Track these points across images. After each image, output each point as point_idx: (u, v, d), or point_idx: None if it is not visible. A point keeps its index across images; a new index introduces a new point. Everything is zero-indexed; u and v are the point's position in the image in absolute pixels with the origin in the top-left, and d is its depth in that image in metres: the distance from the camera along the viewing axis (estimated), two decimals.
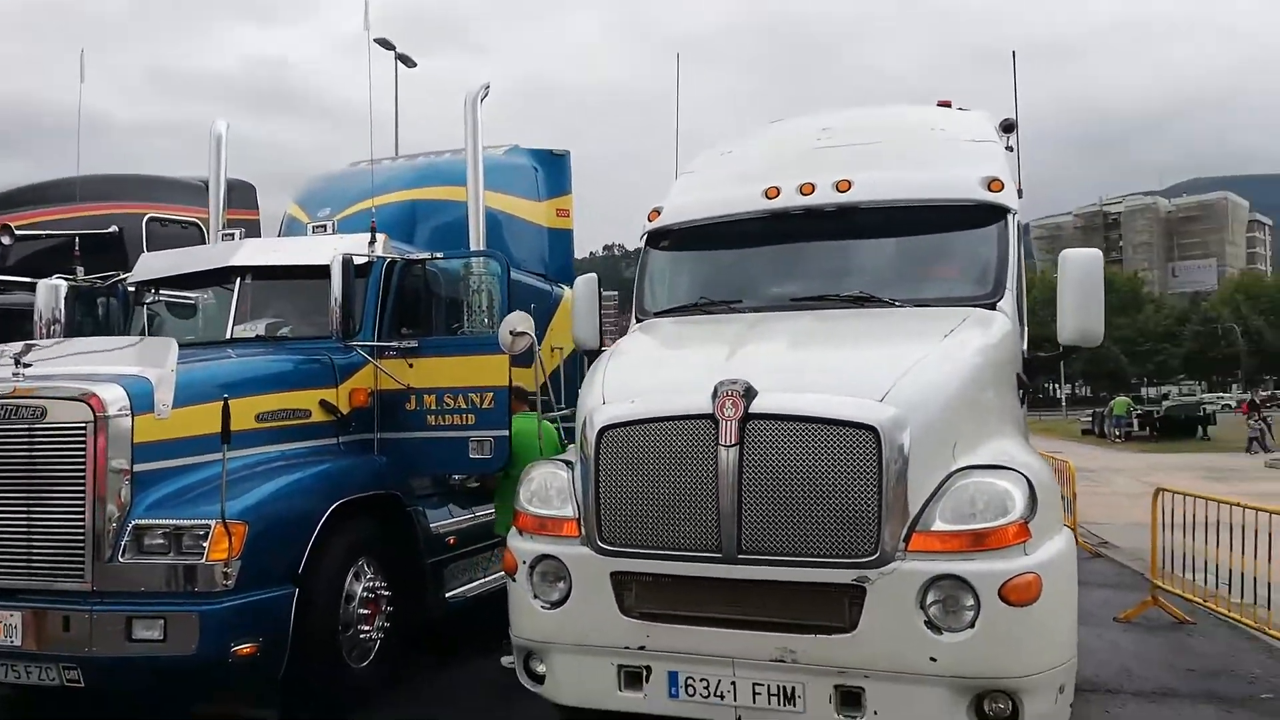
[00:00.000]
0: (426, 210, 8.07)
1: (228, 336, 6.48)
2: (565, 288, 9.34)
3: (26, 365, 5.01)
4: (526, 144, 9.42)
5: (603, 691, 4.08)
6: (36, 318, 6.88)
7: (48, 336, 6.79)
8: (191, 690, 5.03)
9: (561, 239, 9.37)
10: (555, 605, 4.17)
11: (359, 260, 6.30)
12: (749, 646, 3.81)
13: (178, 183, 10.28)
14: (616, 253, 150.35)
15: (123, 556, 4.74)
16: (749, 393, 3.89)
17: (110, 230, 9.08)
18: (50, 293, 6.85)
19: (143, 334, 7.13)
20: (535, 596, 4.22)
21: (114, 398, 4.84)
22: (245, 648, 4.74)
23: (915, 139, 6.39)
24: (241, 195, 10.84)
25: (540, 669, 4.33)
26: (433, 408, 6.34)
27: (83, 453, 4.78)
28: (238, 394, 5.49)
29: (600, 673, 4.07)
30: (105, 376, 4.96)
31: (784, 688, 3.76)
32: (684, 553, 3.92)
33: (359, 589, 5.62)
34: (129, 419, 4.86)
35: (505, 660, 6.44)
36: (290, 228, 7.97)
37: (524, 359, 5.98)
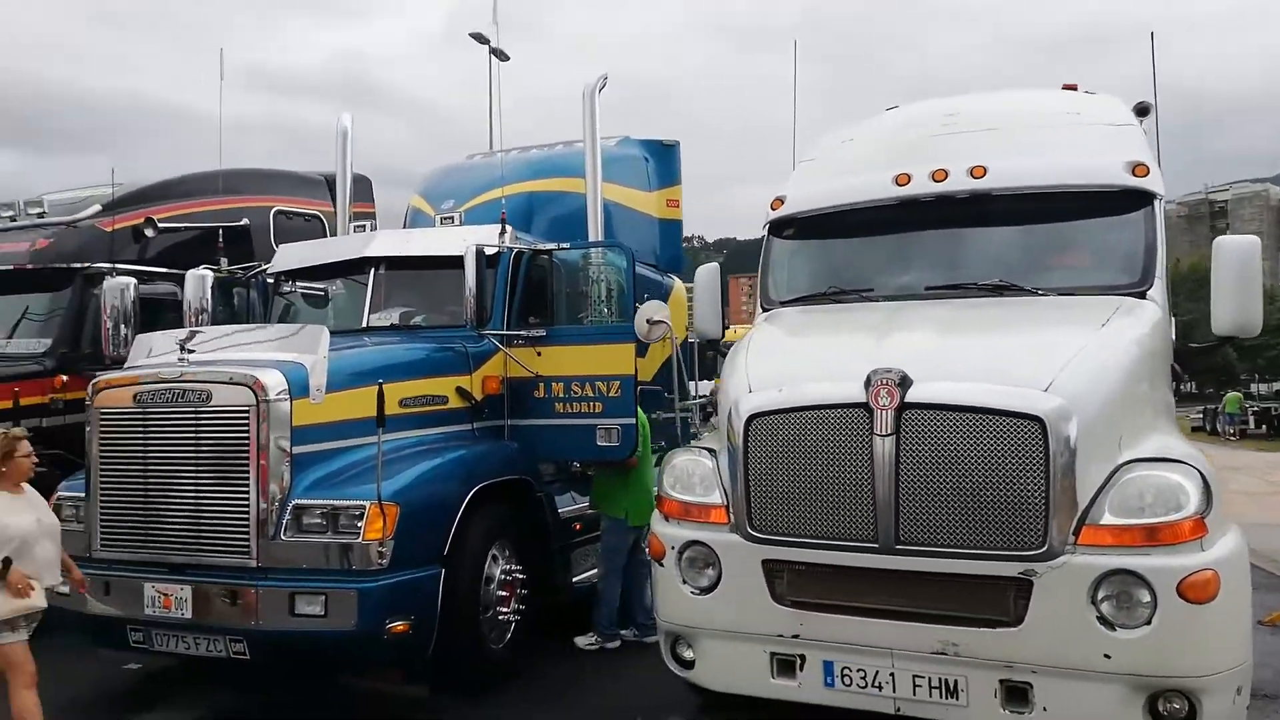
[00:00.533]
0: (543, 202, 8.20)
1: (363, 325, 6.72)
2: (675, 278, 9.40)
3: (190, 352, 5.30)
4: (636, 135, 9.47)
5: (755, 679, 4.11)
6: (185, 307, 7.24)
7: (196, 324, 7.13)
8: (345, 664, 5.26)
9: (671, 229, 9.40)
10: (704, 591, 4.21)
11: (489, 250, 6.45)
12: (908, 638, 3.79)
13: (299, 177, 10.65)
14: (696, 244, 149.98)
15: (284, 535, 4.98)
16: (904, 382, 3.85)
17: (242, 223, 9.46)
18: (198, 283, 7.21)
19: (280, 322, 7.46)
20: (684, 582, 4.27)
21: (274, 383, 5.07)
22: (399, 625, 4.93)
23: (1049, 124, 6.21)
24: (360, 188, 11.19)
25: (688, 654, 4.39)
26: (560, 395, 6.47)
27: (246, 435, 5.03)
28: (385, 380, 5.71)
29: (752, 660, 4.10)
30: (265, 363, 5.20)
31: (946, 681, 3.73)
32: (839, 542, 3.92)
33: (497, 572, 5.78)
34: (288, 403, 5.09)
35: (582, 641, 6.61)
36: (415, 220, 8.19)
37: (640, 348, 6.11)
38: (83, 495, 5.61)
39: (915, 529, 3.79)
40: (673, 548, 4.30)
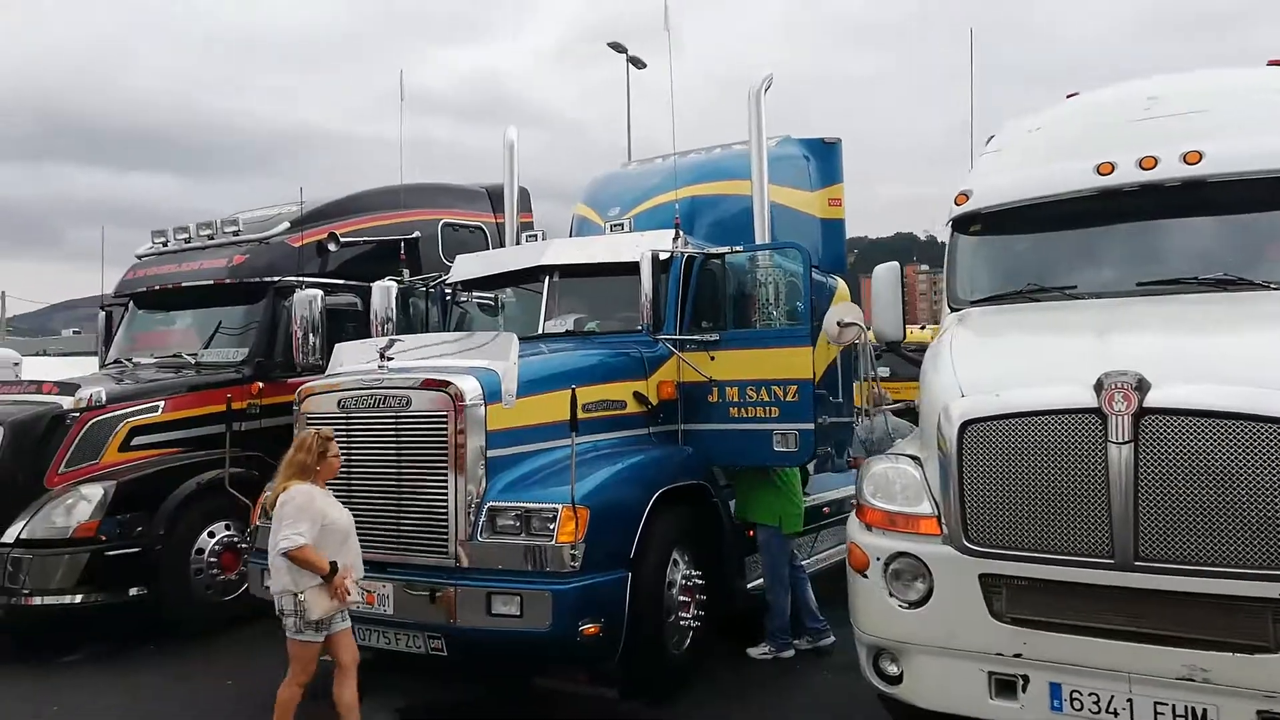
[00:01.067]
0: (705, 205, 8.15)
1: (539, 331, 6.86)
2: (838, 279, 9.18)
3: (390, 359, 5.53)
4: (796, 135, 9.32)
5: (971, 698, 3.91)
6: (372, 316, 7.59)
7: (382, 333, 7.47)
8: (537, 664, 5.36)
9: (833, 229, 9.19)
10: (914, 605, 4.05)
11: (663, 256, 6.46)
12: (1148, 661, 3.52)
13: (463, 190, 11.03)
14: None
15: (480, 536, 5.12)
16: (1141, 385, 3.58)
17: (414, 236, 9.87)
18: (384, 294, 7.54)
19: (456, 329, 7.72)
20: (891, 594, 4.11)
21: (470, 388, 5.23)
22: (590, 627, 4.98)
23: (1265, 105, 5.71)
24: (520, 199, 11.49)
25: (891, 669, 4.23)
26: (735, 400, 6.40)
27: (445, 438, 5.21)
28: (569, 385, 5.81)
29: (969, 678, 3.91)
30: (460, 369, 5.37)
31: (1193, 709, 3.44)
32: (1068, 557, 3.68)
33: (678, 576, 5.77)
34: (483, 408, 5.24)
35: (755, 651, 6.48)
36: (582, 228, 8.31)
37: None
38: None
39: (1157, 544, 3.51)
40: (878, 559, 4.15)
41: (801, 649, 6.66)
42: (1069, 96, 7.80)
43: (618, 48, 26.43)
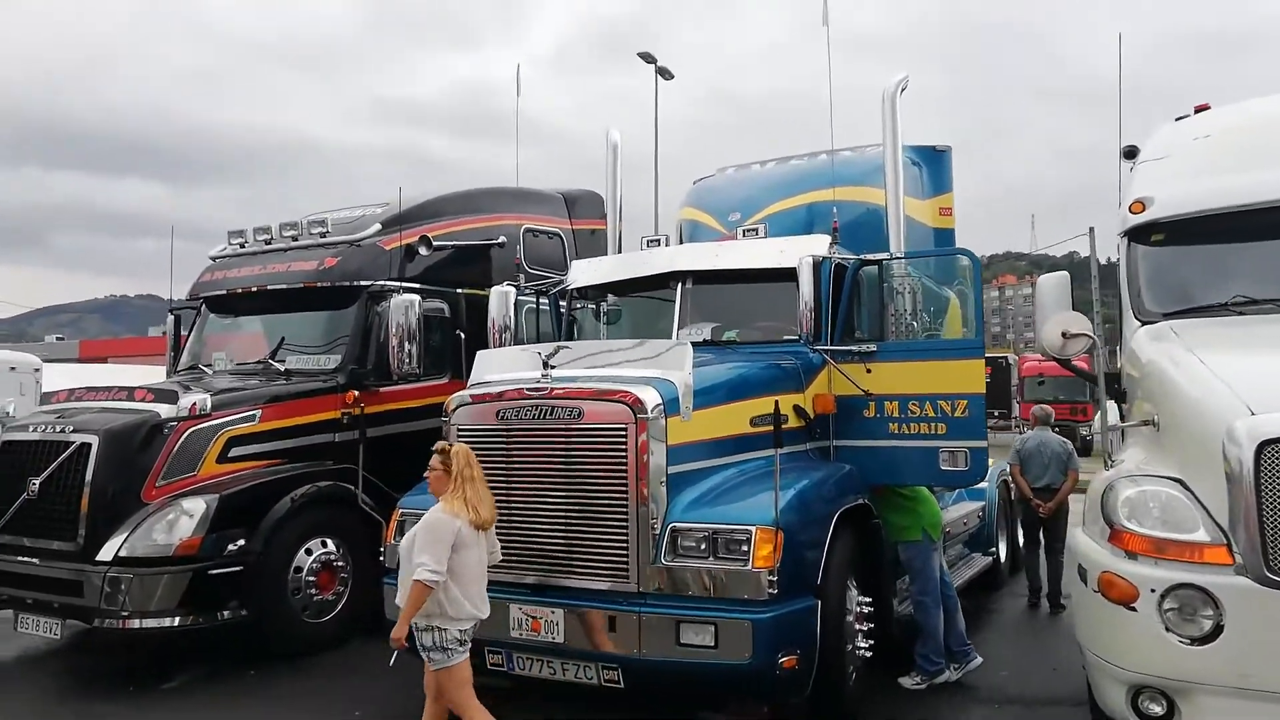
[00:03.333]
0: (823, 212, 7.83)
1: (673, 341, 6.48)
2: (950, 290, 8.86)
3: (553, 368, 5.15)
4: (911, 142, 9.01)
5: None
6: (490, 324, 7.21)
7: (500, 341, 7.09)
8: (720, 698, 4.96)
9: (945, 239, 8.86)
10: (1200, 641, 3.67)
11: (830, 261, 6.14)
12: None
13: (540, 194, 10.67)
14: None
15: (664, 559, 4.72)
16: None
17: (499, 241, 9.50)
18: (502, 299, 7.17)
19: (570, 338, 7.35)
20: (1168, 630, 3.74)
21: (652, 400, 4.85)
22: (789, 659, 4.60)
23: None
24: (593, 205, 11.17)
25: (1155, 709, 3.86)
26: (895, 415, 6.04)
27: (624, 452, 4.82)
28: (738, 398, 5.45)
29: None
30: (634, 379, 4.99)
31: None
32: None
33: (852, 604, 5.39)
34: (663, 420, 4.86)
35: (908, 682, 6.11)
36: (696, 233, 7.96)
37: None
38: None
39: None
40: (1153, 590, 3.78)
41: (951, 678, 6.30)
42: (1198, 109, 7.55)
43: (647, 58, 26.20)
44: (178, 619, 6.56)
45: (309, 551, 7.34)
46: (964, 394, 5.86)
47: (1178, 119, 7.49)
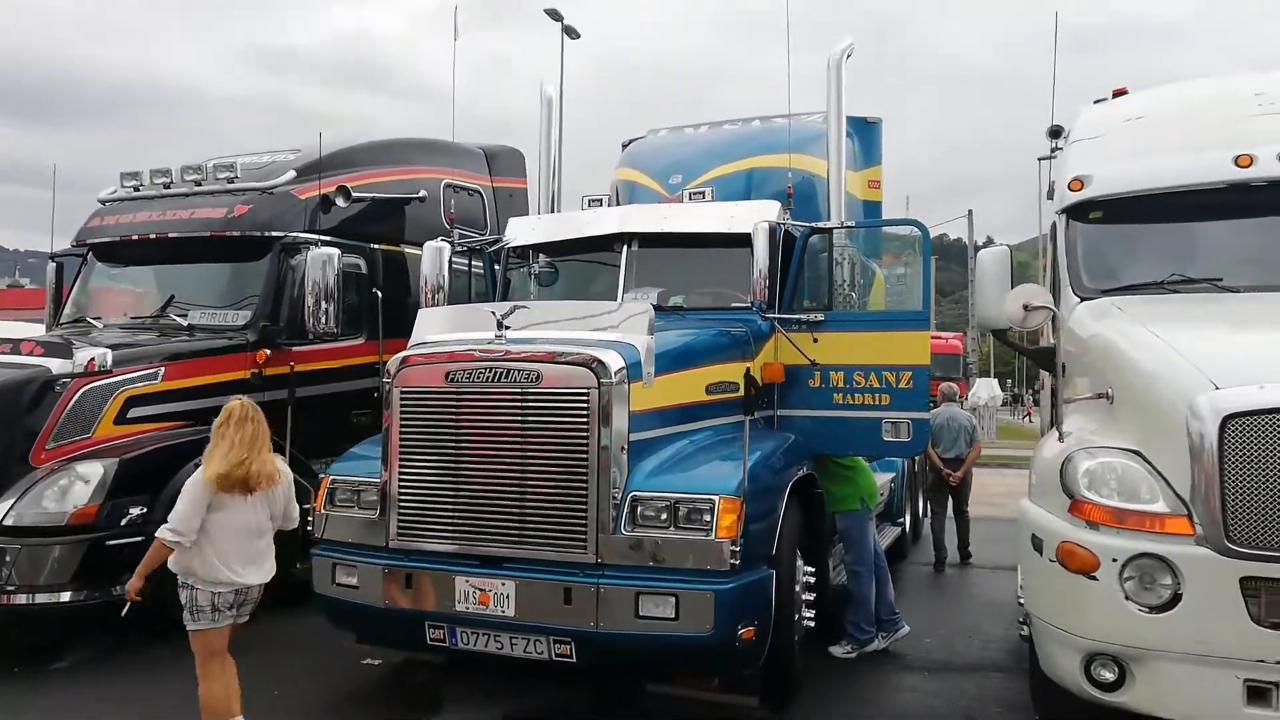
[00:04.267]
0: (764, 178, 7.76)
1: (618, 304, 6.30)
2: (876, 265, 8.96)
3: (507, 328, 4.90)
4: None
5: (1222, 707, 3.70)
6: (422, 281, 6.84)
7: (432, 301, 6.74)
8: (680, 669, 4.87)
9: (872, 212, 8.94)
10: (1158, 609, 3.79)
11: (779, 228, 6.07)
12: None
13: (462, 148, 10.21)
14: None
15: (624, 529, 4.58)
16: None
17: (420, 195, 9.05)
18: (435, 256, 6.79)
19: (505, 299, 7.06)
20: (1128, 599, 3.85)
21: (615, 363, 4.67)
22: (748, 630, 4.53)
23: None
24: (513, 162, 10.80)
25: (1107, 675, 3.98)
26: (840, 385, 6.05)
27: (586, 419, 4.63)
28: (695, 364, 5.34)
29: (1221, 686, 3.69)
30: (598, 342, 4.80)
31: None
32: None
33: (799, 574, 5.38)
34: (626, 385, 4.69)
35: (839, 650, 6.25)
36: (635, 194, 7.73)
37: None
38: (361, 479, 5.23)
39: None
40: (1115, 560, 3.87)
41: (879, 647, 6.42)
42: (1116, 93, 7.83)
43: (554, 15, 25.57)
44: (70, 594, 6.01)
45: None
46: (909, 365, 5.92)
47: (1096, 101, 7.75)
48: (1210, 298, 5.12)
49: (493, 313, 4.88)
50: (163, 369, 6.86)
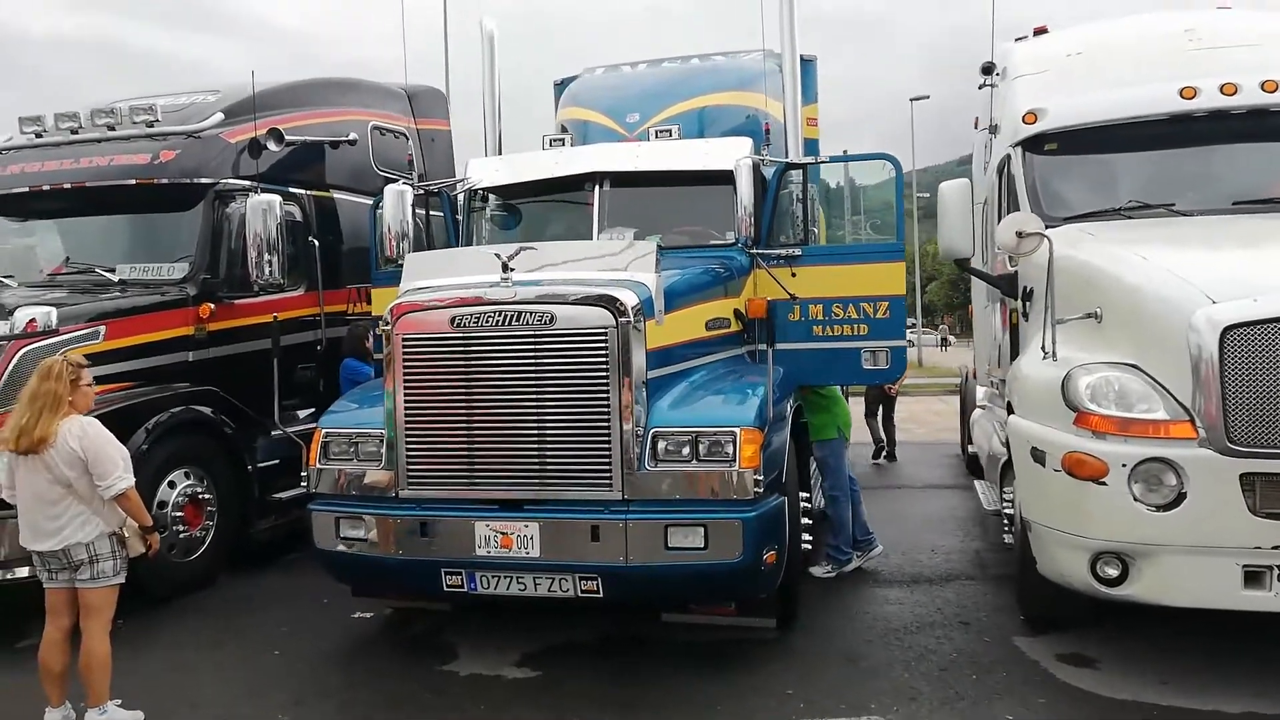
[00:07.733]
0: (717, 116, 7.76)
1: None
2: (818, 202, 9.13)
3: (512, 270, 4.78)
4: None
5: (1222, 591, 4.08)
6: (385, 228, 6.55)
7: (396, 247, 6.49)
8: (688, 599, 4.98)
9: (811, 149, 9.06)
10: (1163, 508, 4.11)
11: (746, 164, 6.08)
12: None
13: (385, 89, 9.73)
14: None
15: (648, 464, 4.60)
16: None
17: (350, 137, 8.62)
18: (397, 199, 6.51)
19: (471, 242, 6.88)
20: (1137, 500, 4.16)
21: (631, 301, 4.64)
22: (771, 554, 4.66)
23: None
24: (435, 103, 10.39)
25: (1111, 571, 4.32)
26: (819, 318, 6.20)
27: (605, 359, 4.60)
28: (697, 301, 5.37)
29: (1221, 574, 4.06)
30: (610, 281, 4.75)
31: None
32: None
33: (799, 500, 5.55)
34: (644, 323, 4.67)
35: (819, 571, 6.50)
36: (591, 133, 7.58)
37: None
38: (356, 430, 5.06)
39: None
40: (1124, 465, 4.16)
41: (855, 566, 6.72)
42: (1037, 31, 8.20)
43: None
44: (27, 570, 5.58)
45: (172, 485, 6.51)
46: (885, 296, 6.11)
47: (1017, 39, 8.07)
48: (1168, 221, 5.49)
49: (496, 255, 4.74)
50: (103, 327, 6.38)
